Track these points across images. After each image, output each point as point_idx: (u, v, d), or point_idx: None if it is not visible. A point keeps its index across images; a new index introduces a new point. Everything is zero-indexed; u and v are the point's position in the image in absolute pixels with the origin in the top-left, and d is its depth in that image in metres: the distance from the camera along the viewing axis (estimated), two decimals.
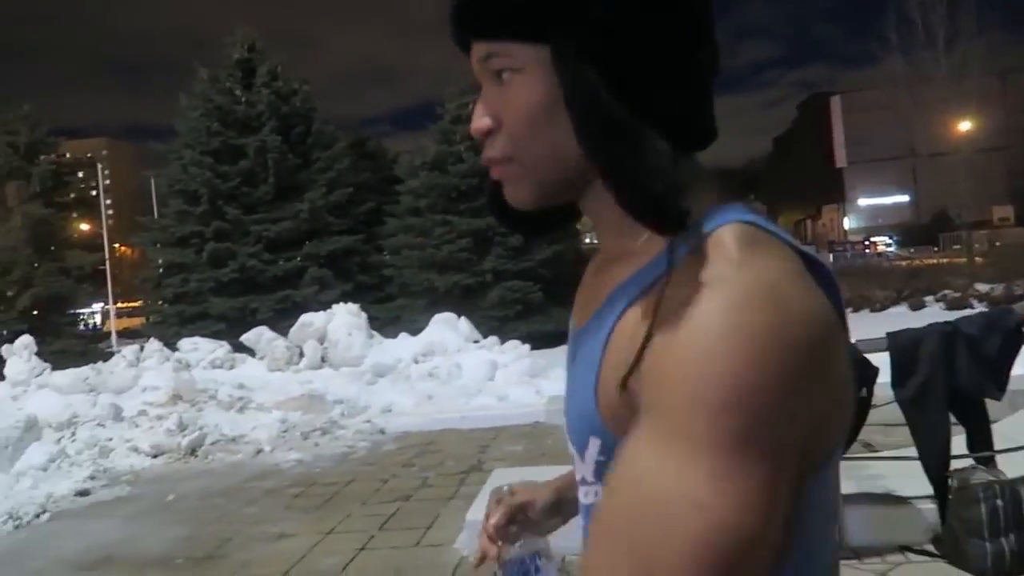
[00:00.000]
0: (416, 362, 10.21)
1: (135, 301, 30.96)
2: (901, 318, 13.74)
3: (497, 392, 8.88)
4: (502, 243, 16.85)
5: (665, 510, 0.53)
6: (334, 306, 11.27)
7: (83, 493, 6.52)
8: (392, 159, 24.84)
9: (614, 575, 0.54)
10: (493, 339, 10.89)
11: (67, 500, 6.33)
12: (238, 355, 11.12)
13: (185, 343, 11.32)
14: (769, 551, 0.54)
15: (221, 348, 11.13)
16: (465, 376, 9.64)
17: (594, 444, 0.65)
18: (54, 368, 11.40)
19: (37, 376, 10.83)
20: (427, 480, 6.02)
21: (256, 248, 18.30)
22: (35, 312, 20.57)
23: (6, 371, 10.97)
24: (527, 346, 10.61)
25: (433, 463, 6.56)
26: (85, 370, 10.92)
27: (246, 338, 11.39)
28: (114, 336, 28.09)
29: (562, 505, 0.93)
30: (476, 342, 10.76)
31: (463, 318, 11.05)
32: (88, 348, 20.55)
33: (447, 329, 10.82)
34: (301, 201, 18.68)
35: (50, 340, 21.01)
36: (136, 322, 28.28)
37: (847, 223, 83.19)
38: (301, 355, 10.85)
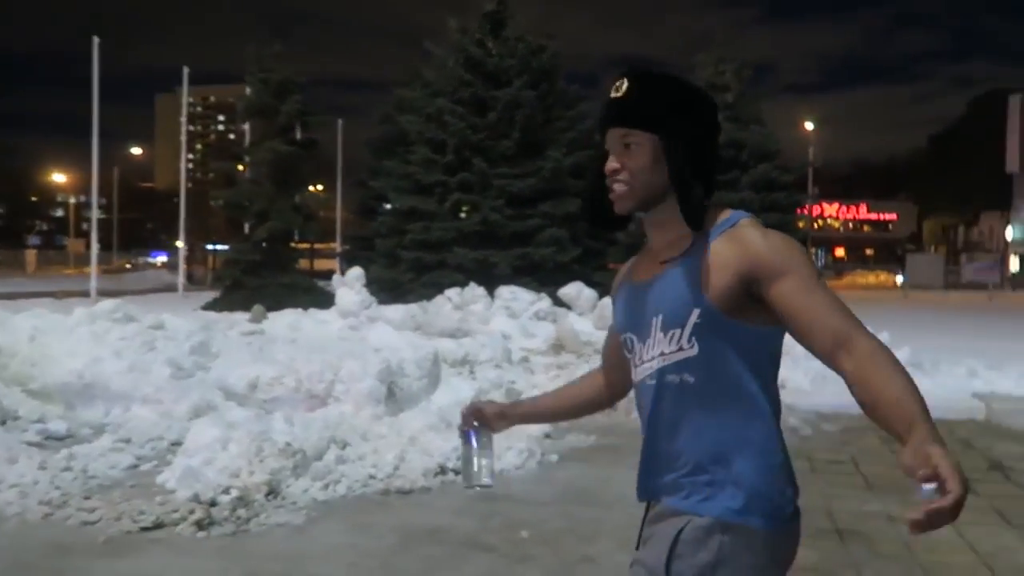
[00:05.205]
0: None
1: (332, 243, 31.98)
2: None
3: None
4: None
5: (834, 298, 1.34)
6: None
7: (547, 435, 6.40)
8: None
9: (843, 314, 1.32)
10: None
11: (538, 440, 6.21)
12: (559, 309, 10.99)
13: (503, 291, 11.27)
14: None
15: (542, 300, 11.02)
16: None
17: (695, 314, 1.37)
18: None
19: (366, 309, 11.03)
20: None
21: (498, 203, 18.27)
22: (265, 244, 21.32)
23: (337, 301, 11.23)
24: None
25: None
26: (413, 307, 11.05)
27: (563, 293, 11.25)
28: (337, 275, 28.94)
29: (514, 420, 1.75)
30: None
31: None
32: (311, 284, 21.19)
33: None
34: (544, 159, 18.50)
35: (278, 274, 21.84)
36: (334, 264, 29.14)
37: (1010, 232, 77.26)
38: None
